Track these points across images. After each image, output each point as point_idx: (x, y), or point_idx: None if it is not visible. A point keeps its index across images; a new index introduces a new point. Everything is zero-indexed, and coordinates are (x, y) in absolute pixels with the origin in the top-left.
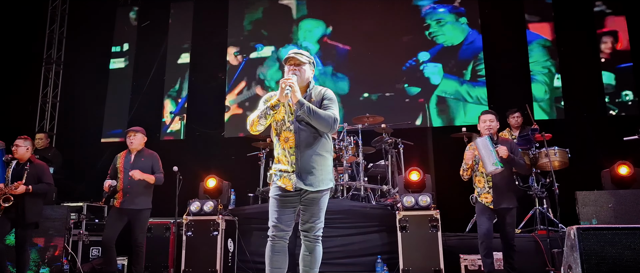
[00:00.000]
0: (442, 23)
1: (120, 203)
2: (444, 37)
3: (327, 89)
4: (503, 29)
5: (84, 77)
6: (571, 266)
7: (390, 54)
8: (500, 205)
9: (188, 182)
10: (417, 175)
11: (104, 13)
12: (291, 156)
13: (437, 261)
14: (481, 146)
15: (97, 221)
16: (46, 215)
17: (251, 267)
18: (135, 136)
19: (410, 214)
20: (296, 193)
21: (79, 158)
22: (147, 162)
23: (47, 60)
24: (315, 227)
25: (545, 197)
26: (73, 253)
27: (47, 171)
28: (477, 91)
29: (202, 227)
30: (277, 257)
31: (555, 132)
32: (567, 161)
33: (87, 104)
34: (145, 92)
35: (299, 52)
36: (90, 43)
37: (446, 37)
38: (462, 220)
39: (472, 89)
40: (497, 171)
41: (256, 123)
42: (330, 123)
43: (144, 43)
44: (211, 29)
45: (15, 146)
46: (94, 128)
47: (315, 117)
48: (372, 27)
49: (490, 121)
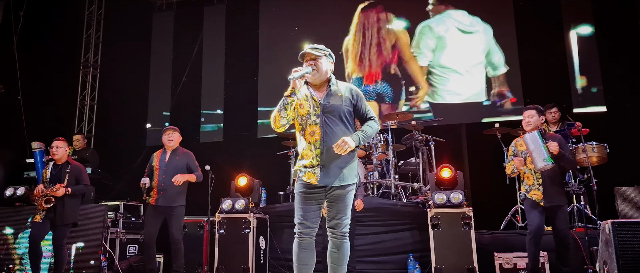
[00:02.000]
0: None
1: (155, 200)
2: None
3: (353, 86)
4: (539, 17)
5: (121, 80)
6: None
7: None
8: (552, 203)
9: (220, 181)
10: (448, 171)
11: (139, 18)
12: (316, 149)
13: (471, 259)
14: (530, 142)
15: (134, 219)
16: (84, 213)
17: (283, 264)
18: (174, 134)
19: (442, 211)
20: (321, 188)
21: (117, 158)
22: (182, 160)
23: (84, 64)
24: (341, 224)
25: (583, 194)
26: (111, 250)
27: (85, 172)
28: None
29: (234, 225)
30: (304, 253)
31: (594, 126)
32: (605, 157)
33: (124, 105)
34: (186, 96)
35: (315, 47)
36: (126, 47)
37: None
38: (496, 217)
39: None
40: (547, 167)
41: (278, 118)
42: (377, 129)
43: (180, 46)
44: (243, 30)
45: (54, 147)
46: (131, 128)
47: (367, 138)
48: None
49: (529, 116)
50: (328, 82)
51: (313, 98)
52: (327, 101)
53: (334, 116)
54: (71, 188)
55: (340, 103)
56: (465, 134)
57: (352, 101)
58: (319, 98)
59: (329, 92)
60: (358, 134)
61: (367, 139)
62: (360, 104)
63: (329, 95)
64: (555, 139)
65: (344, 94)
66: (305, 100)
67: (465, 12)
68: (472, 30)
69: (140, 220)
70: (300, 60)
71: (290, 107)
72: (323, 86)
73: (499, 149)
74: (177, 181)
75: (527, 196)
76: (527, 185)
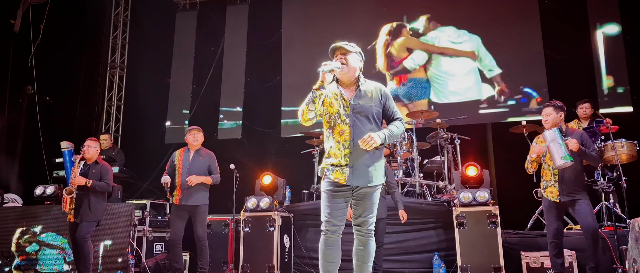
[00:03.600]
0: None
1: (179, 199)
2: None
3: (382, 86)
4: (565, 16)
5: (147, 80)
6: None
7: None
8: (569, 197)
9: (244, 179)
10: (474, 170)
11: (164, 19)
12: (345, 149)
13: (497, 258)
14: (549, 139)
15: (160, 218)
16: (112, 212)
17: (307, 262)
18: (199, 134)
19: (467, 210)
20: (348, 187)
21: (143, 157)
22: (205, 161)
23: (111, 65)
24: (368, 221)
25: (612, 192)
26: (138, 248)
27: (110, 172)
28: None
29: (259, 223)
30: (330, 250)
31: (623, 123)
32: (635, 154)
33: (149, 105)
34: (204, 94)
35: (346, 43)
36: (152, 48)
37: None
38: (523, 216)
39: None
40: (566, 165)
41: (306, 112)
42: (403, 131)
43: (203, 45)
44: (265, 30)
45: (86, 146)
46: (157, 128)
47: (394, 138)
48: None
49: (546, 114)
50: (357, 81)
51: (343, 98)
52: (357, 101)
53: (363, 117)
54: (93, 181)
55: (369, 103)
56: (491, 132)
57: (381, 101)
58: (348, 98)
59: (359, 92)
60: (384, 132)
61: (393, 139)
62: (389, 103)
63: (359, 95)
64: (577, 135)
65: (373, 95)
66: (335, 99)
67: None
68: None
69: (167, 218)
70: (330, 55)
71: (319, 100)
72: (352, 84)
73: (525, 148)
74: (191, 181)
75: (544, 194)
76: (544, 180)
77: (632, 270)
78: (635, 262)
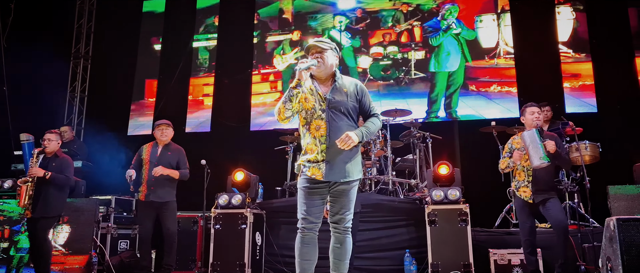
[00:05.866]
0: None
1: (145, 196)
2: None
3: (358, 81)
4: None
5: (112, 71)
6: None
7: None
8: (541, 197)
9: (215, 175)
10: (446, 168)
11: (131, 7)
12: (322, 144)
13: (467, 256)
14: (528, 140)
15: (126, 214)
16: (75, 207)
17: (279, 260)
18: (168, 130)
19: (439, 208)
20: (325, 184)
21: (107, 151)
22: (174, 156)
23: (75, 55)
24: (345, 219)
25: (576, 191)
26: (102, 246)
27: (71, 165)
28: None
29: (230, 220)
30: (306, 248)
31: (587, 126)
32: (598, 156)
33: (115, 97)
34: (172, 86)
35: (321, 40)
36: (118, 37)
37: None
38: (489, 214)
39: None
40: (543, 165)
41: (283, 110)
42: (379, 127)
43: (171, 36)
44: (237, 22)
45: (46, 140)
46: (122, 121)
47: (371, 135)
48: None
49: (539, 113)
50: (333, 76)
51: (318, 93)
52: (332, 96)
53: (339, 112)
54: (51, 174)
55: (345, 98)
56: (457, 131)
57: (357, 97)
58: (324, 93)
59: (335, 87)
60: (361, 130)
61: (370, 136)
62: (365, 99)
63: (335, 90)
64: (552, 138)
65: (349, 90)
66: (310, 94)
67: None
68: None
69: (132, 215)
70: (305, 53)
71: (296, 99)
72: (328, 80)
73: (493, 147)
74: (156, 172)
75: (516, 193)
76: (517, 181)
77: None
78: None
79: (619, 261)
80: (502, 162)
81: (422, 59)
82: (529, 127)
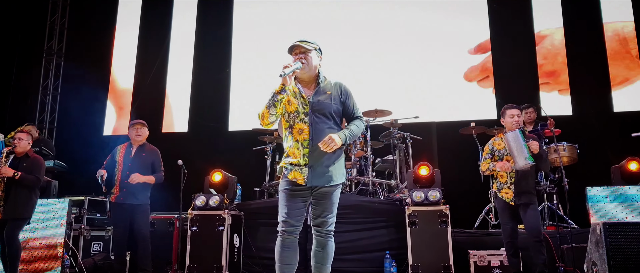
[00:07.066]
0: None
1: (116, 197)
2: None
3: (342, 83)
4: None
5: (86, 69)
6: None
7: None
8: (522, 201)
9: (192, 176)
10: (426, 170)
11: (107, 4)
12: (304, 148)
13: (447, 257)
14: (512, 141)
15: (99, 215)
16: (46, 208)
17: (257, 262)
18: (142, 130)
19: (419, 209)
20: (307, 187)
21: (80, 151)
22: (148, 158)
23: (47, 52)
24: (327, 222)
25: (555, 193)
26: (74, 248)
27: (42, 166)
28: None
29: (208, 222)
30: (287, 252)
31: (564, 127)
32: (576, 157)
33: (89, 96)
34: (148, 85)
35: (304, 40)
36: (92, 34)
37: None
38: (469, 216)
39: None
40: (527, 166)
41: (267, 115)
42: (363, 129)
43: (148, 35)
44: (216, 21)
45: (17, 139)
46: (96, 120)
47: (354, 137)
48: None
49: (518, 115)
50: (317, 78)
51: (302, 95)
52: (316, 99)
53: (322, 115)
54: (21, 174)
55: (329, 101)
56: (436, 132)
57: (341, 99)
58: (307, 96)
59: (318, 89)
60: (345, 133)
61: (353, 138)
62: (349, 101)
63: (318, 93)
64: (534, 139)
65: (332, 92)
66: (293, 96)
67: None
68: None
69: (106, 216)
70: (288, 52)
71: (280, 104)
72: (312, 82)
73: (472, 148)
74: (132, 180)
75: (498, 195)
76: (500, 182)
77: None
78: (595, 264)
79: (605, 266)
80: (484, 164)
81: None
82: (509, 129)
